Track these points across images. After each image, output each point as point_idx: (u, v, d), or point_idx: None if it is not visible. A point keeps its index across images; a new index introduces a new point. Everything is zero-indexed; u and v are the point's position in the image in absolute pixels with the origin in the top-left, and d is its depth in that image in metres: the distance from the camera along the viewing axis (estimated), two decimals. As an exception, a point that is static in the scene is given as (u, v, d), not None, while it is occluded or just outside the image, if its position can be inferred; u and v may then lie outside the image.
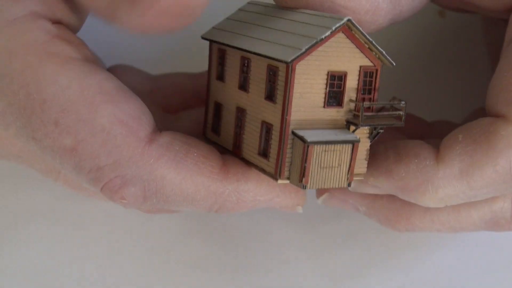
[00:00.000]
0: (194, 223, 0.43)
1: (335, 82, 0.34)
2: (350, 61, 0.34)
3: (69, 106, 0.34)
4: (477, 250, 0.46)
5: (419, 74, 0.40)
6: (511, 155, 0.35)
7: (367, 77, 0.35)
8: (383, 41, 0.38)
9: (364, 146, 0.36)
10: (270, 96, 0.34)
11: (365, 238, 0.45)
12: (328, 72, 0.34)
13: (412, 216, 0.39)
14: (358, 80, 0.35)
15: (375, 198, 0.40)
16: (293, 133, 0.34)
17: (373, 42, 0.34)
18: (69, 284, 0.44)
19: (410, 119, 0.45)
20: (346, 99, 0.35)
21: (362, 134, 0.36)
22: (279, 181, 0.34)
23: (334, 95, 0.35)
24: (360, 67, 0.35)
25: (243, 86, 0.37)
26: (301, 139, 0.33)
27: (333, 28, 0.33)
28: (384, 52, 0.34)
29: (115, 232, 0.45)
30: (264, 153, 0.35)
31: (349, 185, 0.35)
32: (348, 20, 0.33)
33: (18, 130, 0.35)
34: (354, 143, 0.34)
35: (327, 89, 0.34)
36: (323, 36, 0.33)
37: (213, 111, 0.40)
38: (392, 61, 0.35)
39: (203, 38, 0.39)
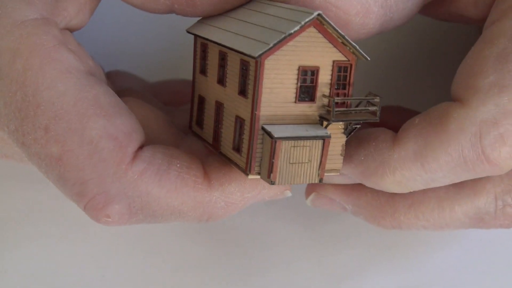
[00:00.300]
0: (194, 223, 0.43)
1: (307, 77, 0.34)
2: (322, 55, 0.34)
3: (61, 113, 0.34)
4: (478, 250, 0.45)
5: (419, 74, 0.40)
6: (461, 138, 0.34)
7: (341, 72, 0.35)
8: (381, 42, 0.39)
9: (339, 141, 0.35)
10: (243, 91, 0.34)
11: (365, 238, 0.45)
12: (299, 67, 0.34)
13: (396, 212, 0.39)
14: (332, 75, 0.34)
15: (359, 195, 0.40)
16: (262, 128, 0.33)
17: (346, 36, 0.34)
18: (69, 284, 0.44)
19: (403, 113, 0.45)
20: (319, 94, 0.34)
21: (336, 129, 0.35)
22: (250, 177, 0.34)
23: (306, 90, 0.34)
24: (333, 61, 0.34)
25: (221, 80, 0.37)
26: (269, 134, 0.33)
27: (302, 23, 0.33)
28: (357, 47, 0.34)
29: (115, 232, 0.46)
30: (238, 148, 0.35)
31: (320, 180, 0.34)
32: (318, 14, 0.33)
33: (10, 133, 0.35)
34: (324, 139, 0.34)
35: (299, 84, 0.34)
36: (292, 31, 0.33)
37: (197, 105, 0.40)
38: (366, 56, 0.34)
39: (188, 32, 0.40)
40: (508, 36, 0.34)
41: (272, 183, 0.33)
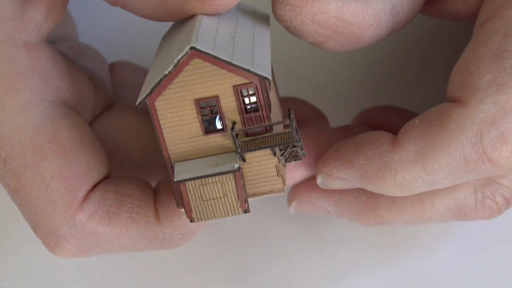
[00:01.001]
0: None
1: (208, 108, 0.32)
2: (218, 83, 0.31)
3: (18, 148, 0.34)
4: (479, 250, 0.44)
5: (419, 75, 0.37)
6: (462, 138, 0.33)
7: (247, 95, 0.31)
8: (381, 44, 0.38)
9: (269, 163, 0.33)
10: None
11: (365, 238, 0.44)
12: (195, 101, 0.31)
13: (378, 208, 0.39)
14: (237, 100, 0.31)
15: (341, 196, 0.40)
16: (172, 167, 0.33)
17: (231, 61, 0.30)
18: (69, 284, 0.45)
19: (399, 112, 0.44)
20: (228, 122, 0.32)
21: (263, 152, 0.32)
22: (181, 210, 0.34)
23: (213, 121, 0.32)
24: (234, 86, 0.31)
25: None
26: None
27: (175, 61, 0.30)
28: (251, 69, 0.30)
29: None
30: None
31: (245, 211, 0.32)
32: (191, 48, 0.30)
33: None
34: (234, 173, 0.31)
35: (200, 117, 0.32)
36: (166, 72, 0.30)
37: None
38: (265, 75, 0.30)
39: None
40: (501, 34, 0.34)
41: (191, 221, 0.33)
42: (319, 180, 0.38)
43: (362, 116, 0.44)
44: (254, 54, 0.32)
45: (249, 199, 0.33)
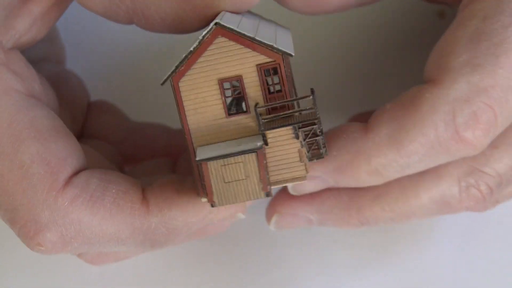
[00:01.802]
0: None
1: (231, 88, 0.32)
2: (242, 62, 0.32)
3: None
4: (480, 250, 0.44)
5: (419, 75, 0.37)
6: (436, 117, 0.33)
7: (271, 75, 0.32)
8: (382, 43, 0.40)
9: (291, 147, 0.32)
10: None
11: (365, 238, 0.43)
12: (218, 81, 0.32)
13: (361, 208, 0.38)
14: (260, 80, 0.32)
15: (322, 200, 0.38)
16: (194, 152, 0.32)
17: (256, 37, 0.31)
18: (69, 284, 0.44)
19: None
20: (251, 103, 0.32)
21: (286, 135, 0.32)
22: (203, 200, 0.33)
23: (236, 102, 0.32)
24: (257, 66, 0.32)
25: None
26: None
27: (200, 37, 0.31)
28: (274, 45, 0.31)
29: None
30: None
31: (267, 194, 0.32)
32: (215, 24, 0.31)
33: None
34: (257, 151, 0.31)
35: (223, 98, 0.32)
36: (192, 49, 0.31)
37: None
38: (290, 52, 0.31)
39: None
40: (480, 17, 0.34)
41: (212, 205, 0.32)
42: (290, 185, 0.37)
43: (357, 119, 0.42)
44: (277, 38, 0.33)
45: (272, 188, 0.33)
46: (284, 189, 0.39)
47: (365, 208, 0.38)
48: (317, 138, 0.33)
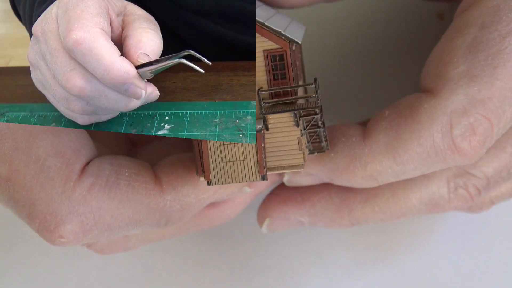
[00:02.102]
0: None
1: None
2: None
3: (7, 133, 0.34)
4: (479, 250, 0.44)
5: (417, 76, 0.37)
6: (433, 128, 0.33)
7: (277, 61, 0.32)
8: (382, 44, 0.40)
9: (291, 134, 0.33)
10: None
11: (365, 238, 0.44)
12: None
13: (353, 210, 0.38)
14: (266, 64, 0.32)
15: (313, 203, 0.39)
16: None
17: (264, 22, 0.32)
18: (69, 284, 0.45)
19: None
20: (256, 87, 0.33)
21: (286, 122, 0.33)
22: (201, 179, 0.34)
23: None
24: (264, 51, 0.32)
25: None
26: (195, 135, 0.32)
27: (211, 17, 0.32)
28: (282, 31, 0.32)
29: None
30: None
31: (263, 178, 0.32)
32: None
33: None
34: (256, 133, 0.32)
35: None
36: None
37: None
38: (297, 40, 0.32)
39: None
40: (478, 25, 0.34)
41: (208, 183, 0.33)
42: (286, 178, 0.37)
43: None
44: (288, 27, 0.34)
45: (269, 173, 0.33)
46: (275, 193, 0.40)
47: (356, 210, 0.38)
48: (318, 129, 0.33)
